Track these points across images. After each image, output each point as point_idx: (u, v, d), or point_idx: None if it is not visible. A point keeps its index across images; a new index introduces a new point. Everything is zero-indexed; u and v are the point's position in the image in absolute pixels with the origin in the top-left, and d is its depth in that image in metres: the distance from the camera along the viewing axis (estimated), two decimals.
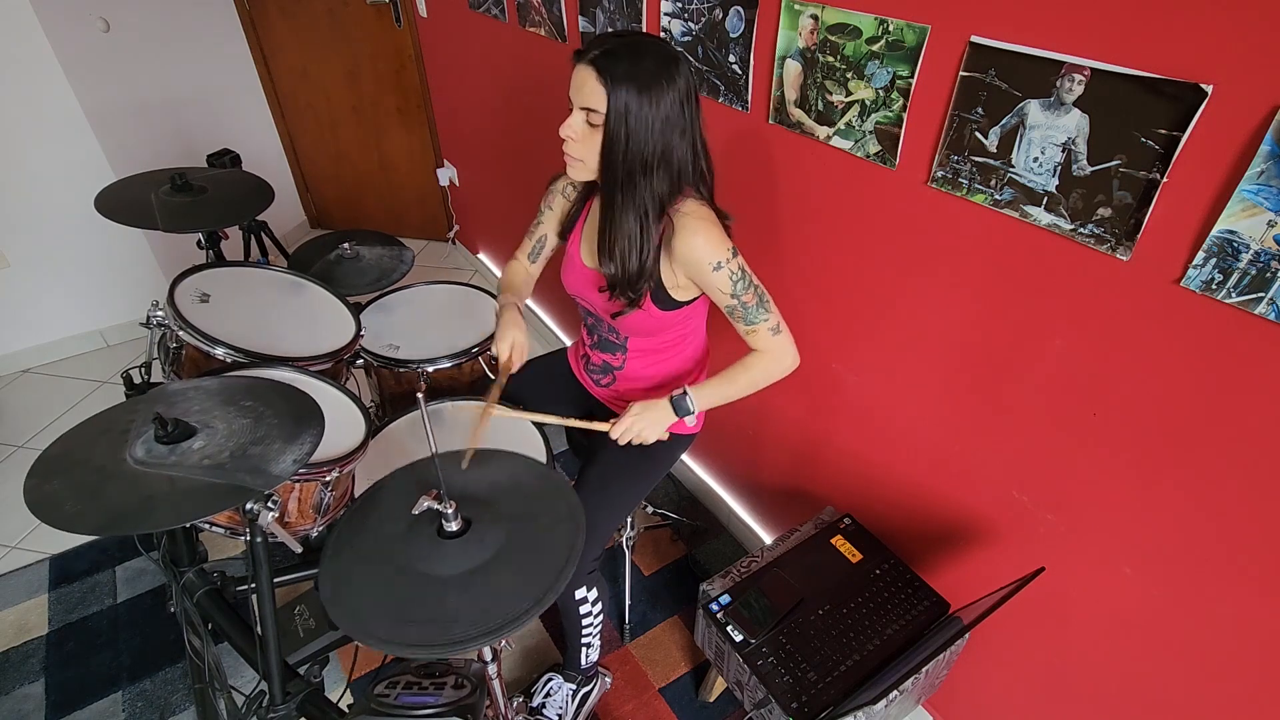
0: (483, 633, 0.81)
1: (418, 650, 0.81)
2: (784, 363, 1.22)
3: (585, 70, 1.02)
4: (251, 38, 3.01)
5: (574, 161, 1.12)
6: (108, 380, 2.61)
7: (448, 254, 3.48)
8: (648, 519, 2.05)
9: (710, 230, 1.11)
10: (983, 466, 1.19)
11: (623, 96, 1.01)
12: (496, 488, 1.03)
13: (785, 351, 1.22)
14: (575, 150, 1.10)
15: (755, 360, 1.22)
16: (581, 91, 1.04)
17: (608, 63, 1.01)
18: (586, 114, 1.05)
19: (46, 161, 2.37)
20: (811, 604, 1.31)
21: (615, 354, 1.36)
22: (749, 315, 1.16)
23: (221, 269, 1.54)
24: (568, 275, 1.31)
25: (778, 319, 1.19)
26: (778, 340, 1.20)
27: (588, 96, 1.03)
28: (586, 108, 1.04)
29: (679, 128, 1.05)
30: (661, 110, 1.03)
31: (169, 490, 0.86)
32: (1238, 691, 0.96)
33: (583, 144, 1.08)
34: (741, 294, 1.14)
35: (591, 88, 1.02)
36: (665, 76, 1.02)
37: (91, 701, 1.61)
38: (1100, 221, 0.88)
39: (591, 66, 1.01)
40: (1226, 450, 0.86)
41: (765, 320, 1.18)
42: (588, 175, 1.13)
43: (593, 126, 1.06)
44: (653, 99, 1.01)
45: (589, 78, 1.02)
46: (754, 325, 1.18)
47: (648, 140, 1.04)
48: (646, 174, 1.07)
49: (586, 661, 1.50)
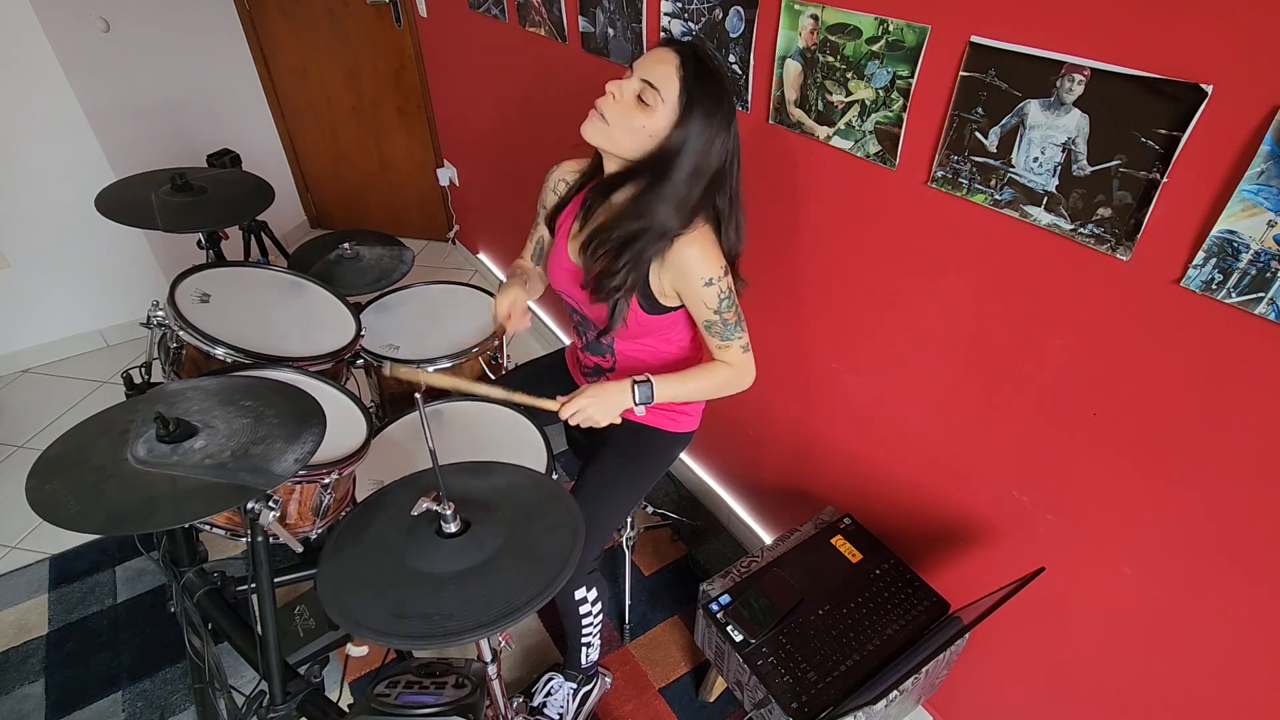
0: (479, 624, 0.81)
1: (413, 641, 0.81)
2: (744, 378, 1.26)
3: (669, 54, 1.02)
4: (251, 38, 3.01)
5: (596, 119, 1.06)
6: (108, 380, 2.61)
7: (448, 254, 3.48)
8: (648, 519, 2.05)
9: (708, 246, 1.12)
10: (983, 466, 1.19)
11: (696, 110, 1.01)
12: (496, 492, 1.03)
13: (748, 369, 1.25)
14: (609, 109, 1.05)
15: (721, 369, 1.24)
16: (656, 68, 1.02)
17: (695, 65, 1.01)
18: (644, 88, 1.02)
19: (46, 161, 2.37)
20: (811, 604, 1.31)
21: (604, 356, 1.37)
22: (726, 332, 1.19)
23: (221, 269, 1.54)
24: (553, 270, 1.31)
25: (747, 339, 1.22)
26: (746, 358, 1.23)
27: (658, 74, 1.01)
28: (648, 81, 1.02)
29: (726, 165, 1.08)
30: (717, 141, 1.05)
31: (171, 490, 0.86)
32: (1238, 691, 0.96)
33: (620, 109, 1.04)
34: (724, 312, 1.16)
35: (667, 71, 1.01)
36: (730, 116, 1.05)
37: (91, 701, 1.61)
38: (1100, 221, 0.88)
39: (678, 55, 1.01)
40: (1227, 450, 0.86)
41: (739, 338, 1.20)
42: (602, 140, 1.09)
43: (641, 103, 1.03)
44: (717, 127, 1.04)
45: (670, 60, 1.01)
46: (728, 342, 1.20)
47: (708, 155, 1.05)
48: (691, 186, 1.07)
49: (587, 661, 1.50)
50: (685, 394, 1.24)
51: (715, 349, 1.22)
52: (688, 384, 1.23)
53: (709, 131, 1.03)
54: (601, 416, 1.19)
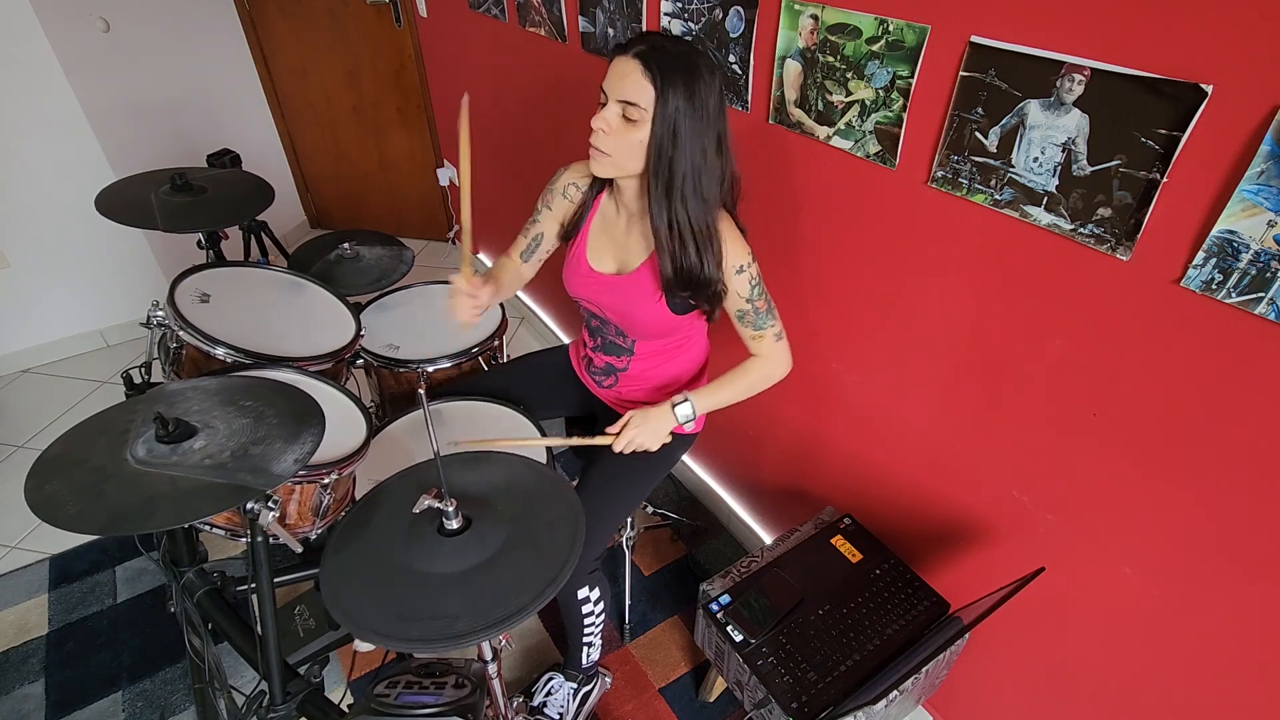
0: (482, 627, 0.81)
1: (417, 645, 0.81)
2: (780, 369, 1.25)
3: (629, 63, 0.99)
4: (251, 38, 3.01)
5: (601, 156, 1.06)
6: (108, 380, 2.61)
7: (448, 254, 3.48)
8: (648, 519, 2.05)
9: (735, 235, 1.13)
10: (983, 466, 1.19)
11: (675, 97, 0.98)
12: (497, 488, 1.03)
13: (784, 357, 1.25)
14: (606, 144, 1.05)
15: (754, 365, 1.24)
16: (623, 84, 1.00)
17: (656, 58, 0.97)
18: (624, 108, 1.01)
19: (47, 161, 2.37)
20: (811, 604, 1.31)
21: (621, 356, 1.36)
22: (759, 321, 1.18)
23: (221, 269, 1.54)
24: (571, 279, 1.30)
25: (780, 326, 1.22)
26: (779, 346, 1.23)
27: (630, 90, 0.99)
28: (626, 101, 1.00)
29: (718, 137, 1.05)
30: (709, 115, 1.01)
31: (171, 490, 0.86)
32: (1237, 691, 0.96)
33: (615, 138, 1.04)
34: (755, 300, 1.17)
35: (635, 82, 0.98)
36: (712, 84, 1.01)
37: (91, 701, 1.61)
38: (1100, 221, 0.88)
39: (637, 60, 0.98)
40: (1227, 450, 0.86)
41: (771, 326, 1.20)
42: (614, 172, 1.09)
43: (629, 121, 1.02)
44: (702, 101, 1.00)
45: (633, 70, 0.98)
46: (761, 331, 1.20)
47: (700, 144, 1.02)
48: (700, 177, 1.04)
49: (588, 661, 1.50)
50: (723, 400, 1.24)
51: (749, 340, 1.22)
52: (724, 390, 1.24)
53: (693, 102, 1.00)
54: (653, 442, 1.22)
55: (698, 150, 1.03)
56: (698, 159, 1.04)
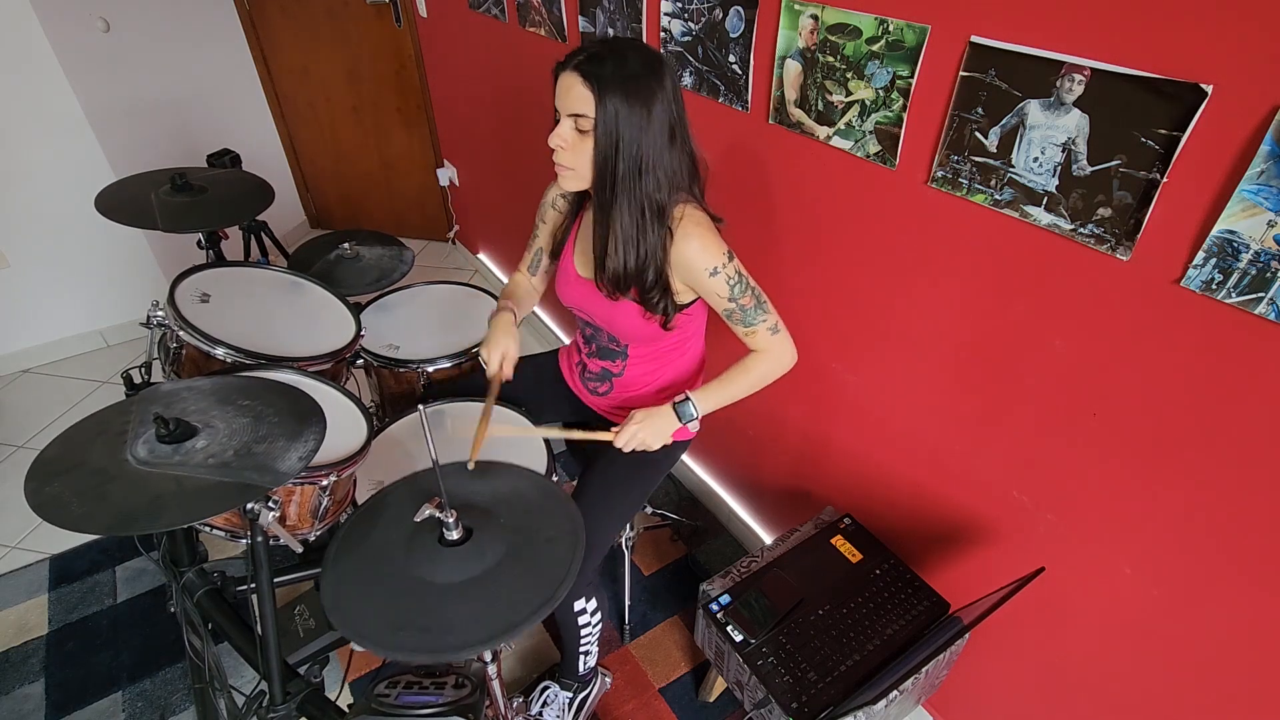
0: (482, 639, 0.82)
1: (417, 656, 0.81)
2: (783, 361, 1.23)
3: (570, 77, 1.01)
4: (251, 38, 3.01)
5: (565, 171, 1.10)
6: (108, 380, 2.61)
7: (448, 254, 3.48)
8: (648, 519, 2.05)
9: (705, 236, 1.11)
10: (983, 466, 1.19)
11: (612, 101, 0.99)
12: (498, 498, 1.03)
13: (784, 350, 1.22)
14: (566, 159, 1.08)
15: (755, 361, 1.22)
16: (569, 98, 1.02)
17: (593, 67, 0.99)
18: (575, 120, 1.04)
19: (46, 161, 2.37)
20: (811, 604, 1.31)
21: (615, 361, 1.36)
22: (747, 317, 1.17)
23: (221, 269, 1.54)
24: (563, 289, 1.31)
25: (775, 318, 1.19)
26: (777, 339, 1.20)
27: (575, 102, 1.02)
28: (575, 114, 1.03)
29: (669, 129, 1.05)
30: (652, 112, 1.02)
31: (177, 490, 0.86)
32: (1237, 691, 0.96)
33: (573, 152, 1.07)
34: (739, 297, 1.15)
35: (578, 93, 1.01)
36: (653, 78, 1.01)
37: (91, 701, 1.61)
38: (1100, 221, 0.88)
39: (576, 72, 1.00)
40: (1226, 450, 0.86)
41: (764, 321, 1.18)
42: (580, 184, 1.11)
43: (582, 133, 1.04)
44: (642, 101, 1.00)
45: (575, 83, 1.01)
46: (752, 327, 1.18)
47: (640, 142, 1.02)
48: (641, 176, 1.05)
49: (584, 668, 1.50)
50: (726, 398, 1.23)
51: (743, 337, 1.21)
52: (726, 388, 1.22)
53: (636, 98, 1.00)
54: (655, 440, 1.21)
55: (649, 148, 1.04)
56: (645, 158, 1.04)
